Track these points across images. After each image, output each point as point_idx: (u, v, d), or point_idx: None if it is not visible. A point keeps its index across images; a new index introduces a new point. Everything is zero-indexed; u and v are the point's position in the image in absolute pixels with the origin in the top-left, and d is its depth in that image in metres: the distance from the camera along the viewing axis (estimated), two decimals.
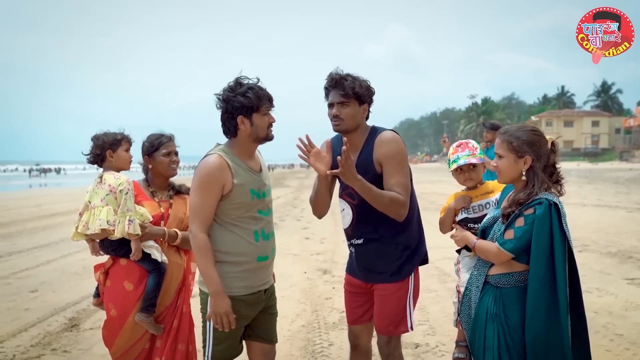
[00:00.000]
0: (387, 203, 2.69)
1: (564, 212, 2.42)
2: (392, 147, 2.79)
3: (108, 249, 3.03)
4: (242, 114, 2.62)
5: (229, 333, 2.66)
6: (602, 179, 27.79)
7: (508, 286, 2.46)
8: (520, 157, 2.48)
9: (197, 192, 2.60)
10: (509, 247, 2.41)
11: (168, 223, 3.09)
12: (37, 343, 4.75)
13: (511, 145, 2.49)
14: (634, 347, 4.32)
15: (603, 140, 73.15)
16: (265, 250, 2.75)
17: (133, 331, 2.99)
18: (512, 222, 2.43)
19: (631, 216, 12.76)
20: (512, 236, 2.41)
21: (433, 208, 16.01)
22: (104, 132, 3.08)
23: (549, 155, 2.50)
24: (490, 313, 2.48)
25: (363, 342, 3.10)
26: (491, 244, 2.49)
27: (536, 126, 2.61)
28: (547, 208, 2.37)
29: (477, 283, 2.58)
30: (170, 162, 3.11)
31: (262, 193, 2.76)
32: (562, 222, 2.37)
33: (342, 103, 2.81)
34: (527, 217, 2.38)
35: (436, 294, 6.15)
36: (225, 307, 2.57)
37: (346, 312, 3.14)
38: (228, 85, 2.66)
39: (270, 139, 2.74)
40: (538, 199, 2.39)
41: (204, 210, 2.59)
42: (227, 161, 2.62)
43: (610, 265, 7.44)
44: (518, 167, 2.50)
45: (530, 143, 2.47)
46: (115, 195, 2.92)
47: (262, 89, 2.66)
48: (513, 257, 2.42)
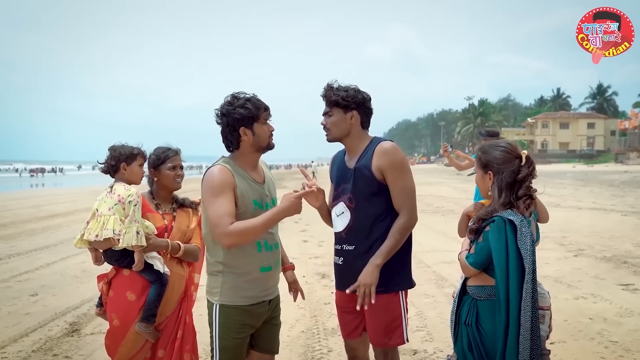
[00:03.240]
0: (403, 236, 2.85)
1: (525, 230, 2.42)
2: (392, 157, 2.85)
3: (112, 259, 3.08)
4: (244, 125, 2.68)
5: (236, 343, 2.72)
6: (598, 182, 27.91)
7: (482, 298, 2.57)
8: (485, 172, 2.60)
9: (214, 199, 2.58)
10: (470, 260, 2.55)
11: (171, 235, 3.14)
12: (38, 348, 4.78)
13: (480, 160, 2.64)
14: (629, 354, 4.38)
15: (598, 142, 73.45)
16: (268, 260, 2.79)
17: (135, 341, 3.04)
18: (477, 238, 2.55)
19: (626, 219, 12.85)
20: (474, 251, 2.55)
21: (430, 210, 16.06)
22: (122, 145, 3.15)
23: (519, 170, 2.51)
24: (465, 322, 2.60)
25: (360, 354, 3.11)
26: (464, 256, 2.61)
27: (511, 142, 2.63)
28: (499, 226, 2.43)
29: (458, 292, 2.73)
30: (175, 176, 3.16)
31: (265, 204, 2.79)
32: (517, 240, 2.40)
33: (326, 113, 2.93)
34: (485, 234, 2.50)
35: (433, 299, 6.20)
36: (289, 199, 2.61)
37: (340, 326, 3.15)
38: (225, 100, 2.73)
39: (272, 147, 2.80)
40: (494, 216, 2.48)
41: (225, 211, 2.56)
42: (231, 171, 2.67)
43: (605, 271, 7.52)
44: (485, 183, 2.61)
45: (494, 159, 2.56)
46: (123, 206, 2.98)
47: (259, 99, 2.74)
48: (478, 270, 2.54)
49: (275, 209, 2.64)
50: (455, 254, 2.78)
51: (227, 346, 2.72)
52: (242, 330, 2.74)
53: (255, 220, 2.58)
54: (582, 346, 4.57)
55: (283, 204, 2.62)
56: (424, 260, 8.41)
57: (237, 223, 2.56)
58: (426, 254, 8.93)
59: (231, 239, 2.55)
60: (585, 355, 4.38)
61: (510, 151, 2.56)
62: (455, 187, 25.33)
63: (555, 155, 70.25)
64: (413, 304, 5.94)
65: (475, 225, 2.55)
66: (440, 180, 32.39)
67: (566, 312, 5.49)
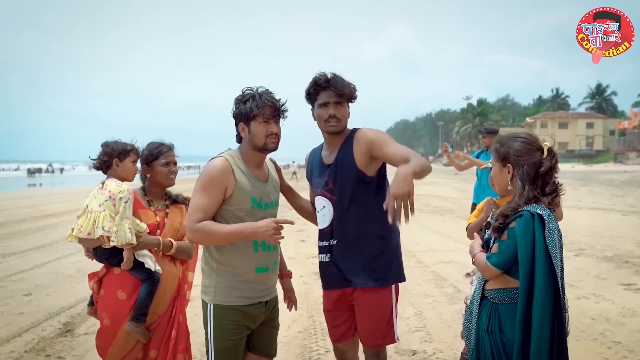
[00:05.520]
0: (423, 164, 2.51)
1: (553, 225, 2.27)
2: (373, 132, 2.81)
3: (101, 257, 3.01)
4: (242, 120, 2.65)
5: (231, 344, 2.64)
6: (597, 181, 27.90)
7: (504, 302, 2.36)
8: (504, 165, 2.42)
9: (199, 192, 2.58)
10: (493, 261, 2.32)
11: (164, 232, 3.06)
12: (31, 349, 4.70)
13: (497, 153, 2.44)
14: (632, 354, 4.31)
15: (597, 142, 73.50)
16: (265, 261, 2.71)
17: (126, 341, 2.96)
18: (500, 236, 2.36)
19: (626, 219, 12.82)
20: (497, 250, 2.33)
21: (428, 210, 16.03)
22: (115, 141, 3.08)
23: (540, 163, 2.35)
24: (486, 329, 2.39)
25: (350, 357, 3.06)
26: (483, 257, 2.40)
27: (531, 134, 2.47)
28: (527, 221, 2.25)
29: (477, 297, 2.51)
30: (168, 172, 3.10)
31: (265, 204, 2.72)
32: (545, 235, 2.24)
33: (338, 103, 2.81)
34: (510, 231, 2.30)
35: (433, 299, 6.12)
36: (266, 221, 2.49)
37: (328, 330, 3.09)
38: (240, 92, 2.68)
39: (269, 149, 2.68)
40: (520, 211, 2.29)
41: (204, 209, 2.55)
42: (231, 165, 2.61)
43: (607, 270, 7.46)
44: (504, 177, 2.43)
45: (513, 151, 2.37)
46: (114, 202, 2.91)
47: (267, 98, 2.62)
48: (501, 271, 2.33)
49: (247, 224, 2.54)
50: (454, 253, 2.69)
51: (222, 347, 2.65)
52: (237, 331, 2.66)
53: (221, 227, 2.53)
54: (584, 347, 4.50)
55: (257, 223, 2.51)
56: (423, 260, 8.35)
57: (205, 223, 2.52)
58: (425, 253, 8.87)
59: (193, 236, 2.57)
60: (588, 356, 4.30)
61: (531, 142, 2.38)
62: (454, 187, 25.26)
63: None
64: (412, 304, 5.88)
65: (498, 223, 2.34)
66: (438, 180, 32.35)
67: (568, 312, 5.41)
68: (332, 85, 2.79)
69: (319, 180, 2.94)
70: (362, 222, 2.82)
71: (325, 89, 2.80)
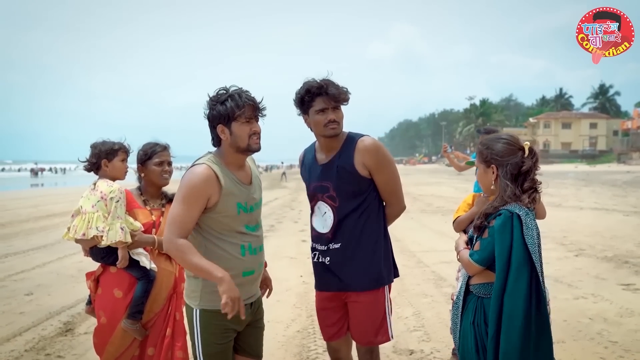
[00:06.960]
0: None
1: (531, 223, 2.35)
2: (377, 154, 2.86)
3: (97, 256, 3.05)
4: (221, 122, 2.51)
5: (220, 349, 2.60)
6: (600, 182, 27.84)
7: (488, 296, 2.44)
8: (488, 166, 2.50)
9: (180, 202, 2.47)
10: (475, 258, 2.45)
11: (159, 231, 3.09)
12: (31, 348, 4.73)
13: (481, 154, 2.53)
14: (629, 354, 4.32)
15: (601, 143, 73.31)
16: (251, 265, 2.65)
17: (122, 339, 2.99)
18: (482, 234, 2.46)
19: (628, 219, 12.78)
20: (479, 247, 2.45)
21: (430, 210, 15.98)
22: (103, 141, 3.11)
23: (522, 162, 2.43)
24: (472, 322, 2.49)
25: (344, 355, 3.09)
26: (467, 254, 2.52)
27: (512, 134, 2.57)
28: (506, 220, 2.34)
29: (462, 292, 2.61)
30: (162, 172, 3.12)
31: (250, 207, 2.64)
32: (523, 233, 2.32)
33: (336, 107, 2.84)
34: (490, 229, 2.41)
35: (432, 299, 6.13)
36: (234, 292, 2.39)
37: (321, 329, 3.12)
38: (212, 94, 2.57)
39: (253, 150, 2.60)
40: (500, 210, 2.39)
41: (184, 221, 2.46)
42: (215, 171, 2.51)
43: (606, 270, 7.45)
44: (488, 177, 2.51)
45: (497, 152, 2.46)
46: (105, 202, 2.95)
47: (247, 97, 2.52)
48: (483, 268, 2.44)
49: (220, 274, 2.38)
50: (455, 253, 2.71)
51: (211, 353, 2.59)
52: (225, 335, 2.60)
53: (194, 258, 2.41)
54: (581, 346, 4.51)
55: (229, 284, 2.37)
56: (423, 260, 8.36)
57: (185, 246, 2.42)
58: (425, 253, 8.88)
59: (169, 247, 2.47)
60: (584, 356, 4.31)
61: (513, 143, 2.48)
62: (456, 187, 25.24)
63: (557, 155, 70.06)
64: (411, 304, 5.89)
65: (480, 221, 2.45)
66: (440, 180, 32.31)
67: (566, 312, 5.42)
68: (328, 92, 2.80)
69: (316, 183, 2.96)
70: (362, 227, 2.86)
71: (320, 95, 2.81)
